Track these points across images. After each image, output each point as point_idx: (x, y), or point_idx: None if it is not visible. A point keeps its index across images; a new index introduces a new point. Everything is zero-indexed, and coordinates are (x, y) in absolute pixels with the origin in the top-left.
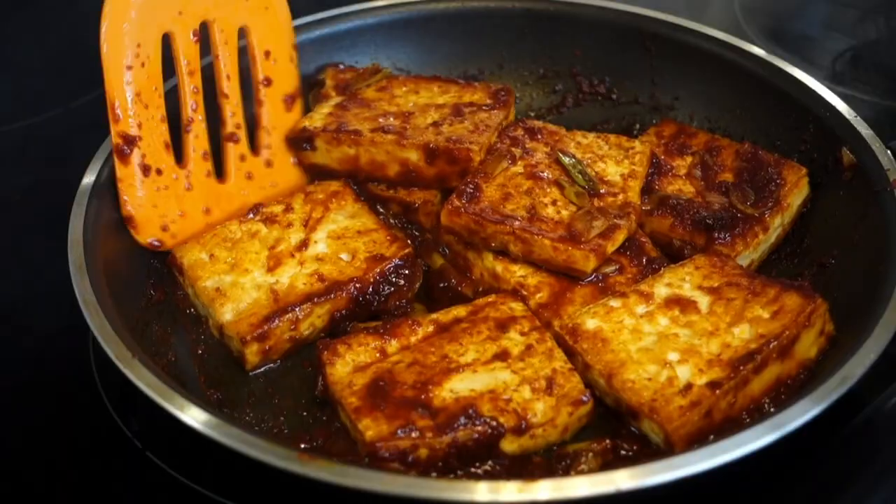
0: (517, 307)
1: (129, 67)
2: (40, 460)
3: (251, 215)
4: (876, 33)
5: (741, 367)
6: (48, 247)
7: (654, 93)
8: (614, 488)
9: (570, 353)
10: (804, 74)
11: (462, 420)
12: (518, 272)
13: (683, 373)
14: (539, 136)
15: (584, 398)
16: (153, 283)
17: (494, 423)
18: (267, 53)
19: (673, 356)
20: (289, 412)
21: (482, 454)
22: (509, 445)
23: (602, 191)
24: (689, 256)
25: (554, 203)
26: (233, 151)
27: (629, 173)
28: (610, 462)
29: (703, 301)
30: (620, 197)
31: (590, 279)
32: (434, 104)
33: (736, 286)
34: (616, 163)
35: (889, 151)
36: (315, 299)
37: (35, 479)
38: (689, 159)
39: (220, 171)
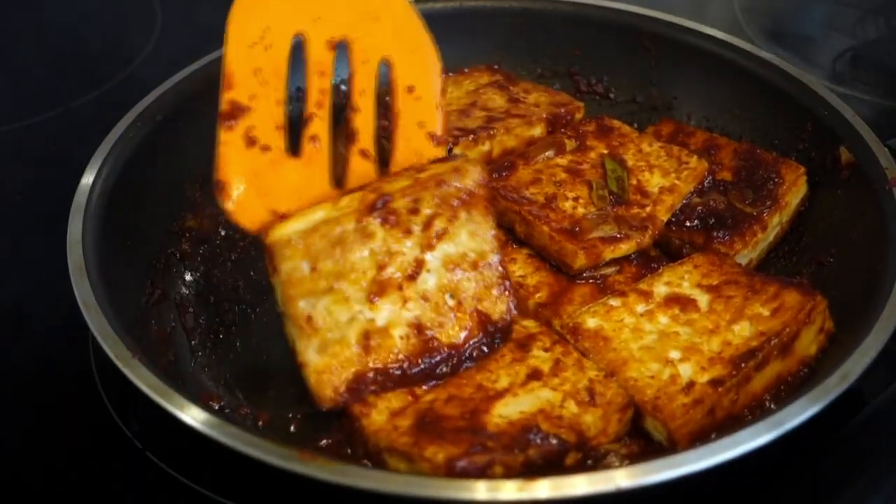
0: (529, 324)
1: (252, 45)
2: (40, 460)
3: (378, 207)
4: (876, 33)
5: (743, 365)
6: (48, 247)
7: (652, 92)
8: (613, 487)
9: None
10: (802, 73)
11: (530, 437)
12: (517, 272)
13: (686, 371)
14: (606, 136)
15: (628, 402)
16: (153, 283)
17: (557, 440)
18: (410, 89)
19: (674, 354)
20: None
21: (547, 470)
22: (571, 460)
23: (632, 201)
24: (687, 255)
25: (576, 199)
26: (359, 164)
27: (669, 187)
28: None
29: (703, 299)
30: (647, 210)
31: (589, 279)
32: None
33: (735, 284)
34: (663, 174)
35: (887, 150)
36: (406, 367)
37: (35, 479)
38: None
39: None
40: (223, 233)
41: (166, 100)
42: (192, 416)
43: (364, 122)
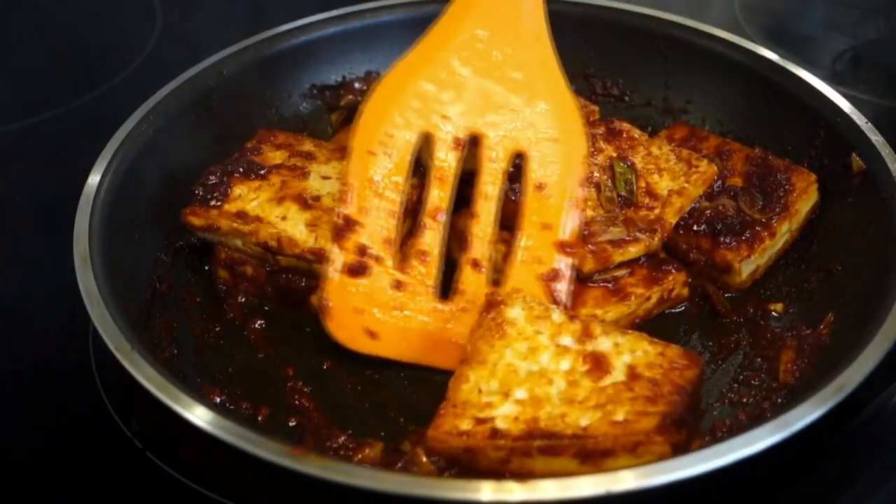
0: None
1: (372, 153)
2: (40, 460)
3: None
4: (876, 33)
5: (534, 438)
6: (48, 247)
7: (667, 96)
8: (618, 488)
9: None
10: (817, 80)
11: None
12: None
13: (503, 410)
14: (616, 138)
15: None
16: (159, 276)
17: None
18: (540, 187)
19: (520, 394)
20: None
21: None
22: None
23: (641, 204)
24: (695, 259)
25: (585, 202)
26: (470, 276)
27: (678, 190)
28: None
29: (616, 376)
30: (656, 212)
31: (600, 281)
32: None
33: (654, 385)
34: (672, 177)
35: None
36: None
37: (35, 479)
38: None
39: (444, 290)
40: None
41: (174, 98)
42: (189, 408)
43: (481, 231)
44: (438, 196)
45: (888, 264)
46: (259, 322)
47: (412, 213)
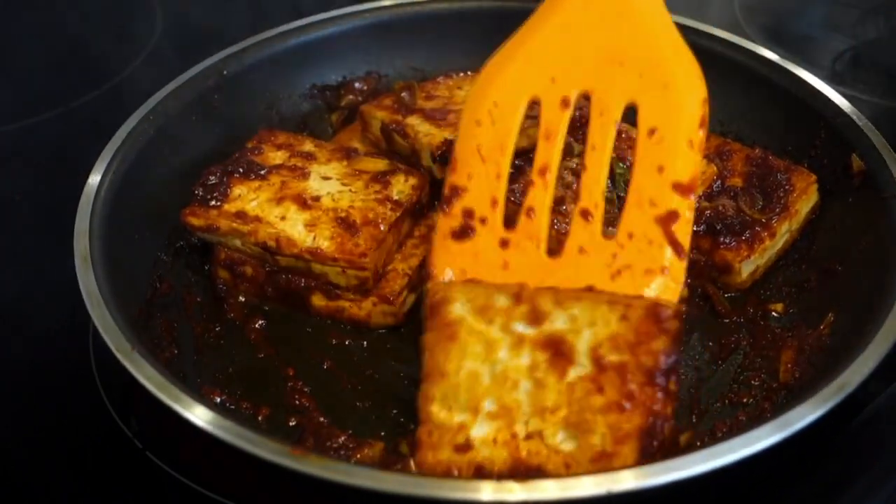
0: None
1: (478, 123)
2: (40, 460)
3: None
4: (876, 33)
5: (522, 472)
6: (48, 247)
7: None
8: (618, 488)
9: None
10: (817, 80)
11: None
12: None
13: (481, 429)
14: (616, 139)
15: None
16: (160, 276)
17: None
18: (651, 132)
19: (489, 405)
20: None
21: None
22: None
23: None
24: (694, 259)
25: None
26: (580, 228)
27: None
28: None
29: (581, 367)
30: None
31: None
32: None
33: (622, 378)
34: None
35: None
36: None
37: (35, 479)
38: None
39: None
40: None
41: (174, 98)
42: (189, 408)
43: (591, 181)
44: (546, 152)
45: (888, 264)
46: (259, 322)
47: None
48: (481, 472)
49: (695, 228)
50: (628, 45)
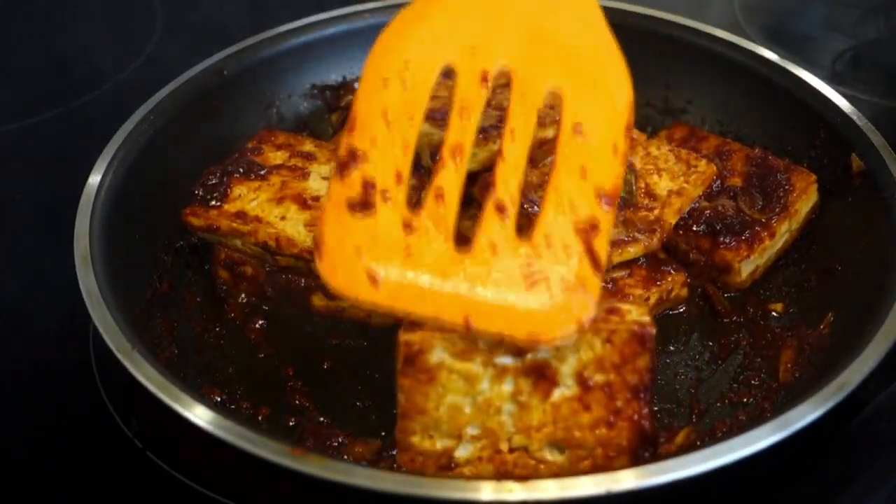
0: None
1: (386, 81)
2: (40, 460)
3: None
4: (876, 33)
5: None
6: (48, 247)
7: (667, 96)
8: (618, 488)
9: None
10: (817, 80)
11: None
12: None
13: (465, 450)
14: None
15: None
16: (160, 276)
17: None
18: (576, 127)
19: (472, 430)
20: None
21: None
22: None
23: (640, 204)
24: (694, 260)
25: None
26: (493, 223)
27: (678, 190)
28: None
29: (565, 388)
30: (655, 213)
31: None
32: None
33: (608, 396)
34: (671, 178)
35: None
36: None
37: (35, 479)
38: None
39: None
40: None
41: (174, 98)
42: (189, 408)
43: (508, 172)
44: (461, 130)
45: (888, 264)
46: (259, 322)
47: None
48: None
49: (694, 228)
50: (559, 29)
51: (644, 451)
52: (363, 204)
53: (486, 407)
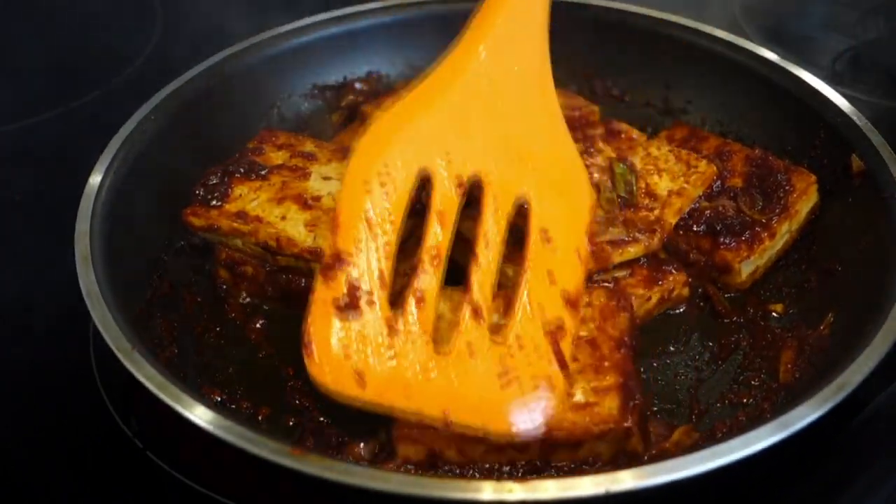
0: None
1: (366, 182)
2: (40, 460)
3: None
4: (876, 33)
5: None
6: (49, 247)
7: (667, 96)
8: (618, 488)
9: None
10: (817, 80)
11: None
12: None
13: None
14: (615, 139)
15: None
16: (160, 276)
17: None
18: (544, 233)
19: None
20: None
21: None
22: None
23: (640, 204)
24: (695, 260)
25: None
26: (470, 325)
27: (678, 190)
28: None
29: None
30: (655, 213)
31: (601, 282)
32: None
33: (592, 346)
34: (671, 178)
35: None
36: None
37: (35, 479)
38: None
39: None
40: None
41: (174, 98)
42: (189, 408)
43: (483, 277)
44: (437, 236)
45: (888, 264)
46: (259, 322)
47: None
48: None
49: (695, 228)
50: (528, 141)
51: (631, 401)
52: (349, 306)
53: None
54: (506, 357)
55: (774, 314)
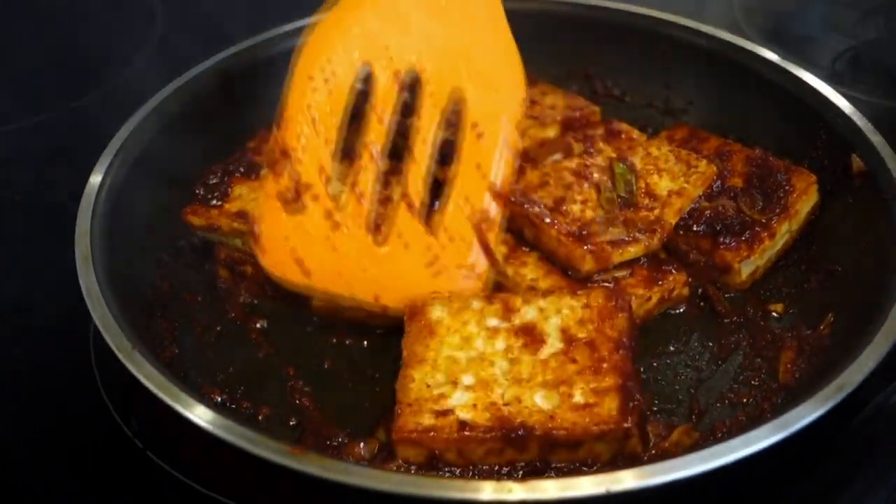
0: None
1: (311, 78)
2: (40, 460)
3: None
4: (876, 33)
5: (507, 431)
6: (49, 247)
7: (667, 96)
8: (618, 488)
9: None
10: (817, 80)
11: None
12: (529, 275)
13: (459, 397)
14: (615, 139)
15: None
16: (160, 275)
17: None
18: (474, 125)
19: (467, 380)
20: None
21: None
22: None
23: (640, 204)
24: (695, 260)
25: (584, 202)
26: (402, 216)
27: (678, 190)
28: None
29: (552, 346)
30: (655, 213)
31: (601, 282)
32: None
33: (591, 348)
34: (671, 178)
35: None
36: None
37: (35, 480)
38: None
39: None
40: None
41: (175, 98)
42: (189, 408)
43: (416, 171)
44: (375, 132)
45: (888, 265)
46: (260, 322)
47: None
48: (463, 429)
49: (695, 229)
50: (460, 36)
51: (630, 402)
52: (293, 199)
53: (479, 360)
54: (435, 247)
55: (774, 314)
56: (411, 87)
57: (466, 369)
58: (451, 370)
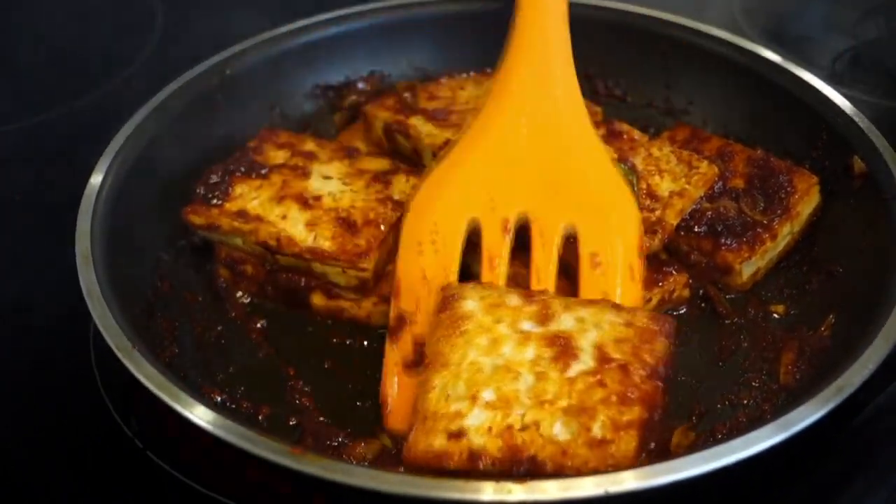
0: None
1: (420, 245)
2: (40, 460)
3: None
4: (876, 33)
5: (515, 465)
6: (49, 247)
7: (668, 96)
8: (618, 488)
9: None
10: (818, 81)
11: None
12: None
13: (476, 418)
14: (616, 140)
15: None
16: (161, 275)
17: None
18: (593, 257)
19: (488, 395)
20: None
21: None
22: None
23: (642, 205)
24: (696, 261)
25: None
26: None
27: (679, 191)
28: None
29: (583, 363)
30: (656, 214)
31: None
32: None
33: (624, 372)
34: (673, 179)
35: None
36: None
37: (35, 479)
38: None
39: None
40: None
41: (175, 97)
42: (189, 408)
43: None
44: (490, 279)
45: (889, 266)
46: (260, 322)
47: None
48: (474, 460)
49: (696, 229)
50: (562, 171)
51: (650, 443)
52: (417, 362)
53: (505, 371)
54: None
55: (775, 315)
56: (521, 229)
57: (489, 381)
58: (474, 380)
